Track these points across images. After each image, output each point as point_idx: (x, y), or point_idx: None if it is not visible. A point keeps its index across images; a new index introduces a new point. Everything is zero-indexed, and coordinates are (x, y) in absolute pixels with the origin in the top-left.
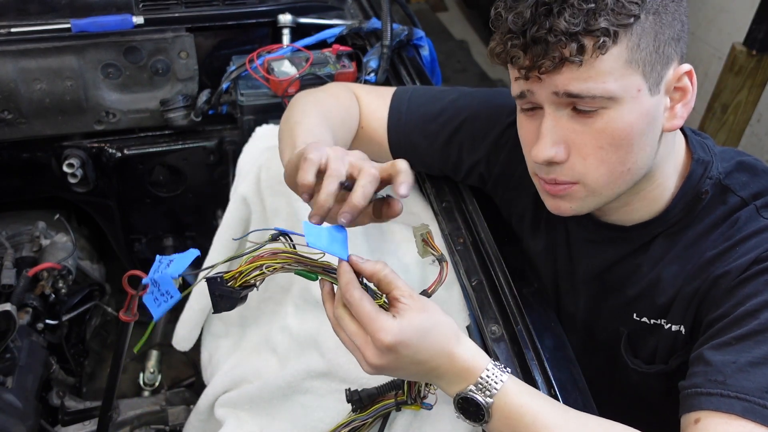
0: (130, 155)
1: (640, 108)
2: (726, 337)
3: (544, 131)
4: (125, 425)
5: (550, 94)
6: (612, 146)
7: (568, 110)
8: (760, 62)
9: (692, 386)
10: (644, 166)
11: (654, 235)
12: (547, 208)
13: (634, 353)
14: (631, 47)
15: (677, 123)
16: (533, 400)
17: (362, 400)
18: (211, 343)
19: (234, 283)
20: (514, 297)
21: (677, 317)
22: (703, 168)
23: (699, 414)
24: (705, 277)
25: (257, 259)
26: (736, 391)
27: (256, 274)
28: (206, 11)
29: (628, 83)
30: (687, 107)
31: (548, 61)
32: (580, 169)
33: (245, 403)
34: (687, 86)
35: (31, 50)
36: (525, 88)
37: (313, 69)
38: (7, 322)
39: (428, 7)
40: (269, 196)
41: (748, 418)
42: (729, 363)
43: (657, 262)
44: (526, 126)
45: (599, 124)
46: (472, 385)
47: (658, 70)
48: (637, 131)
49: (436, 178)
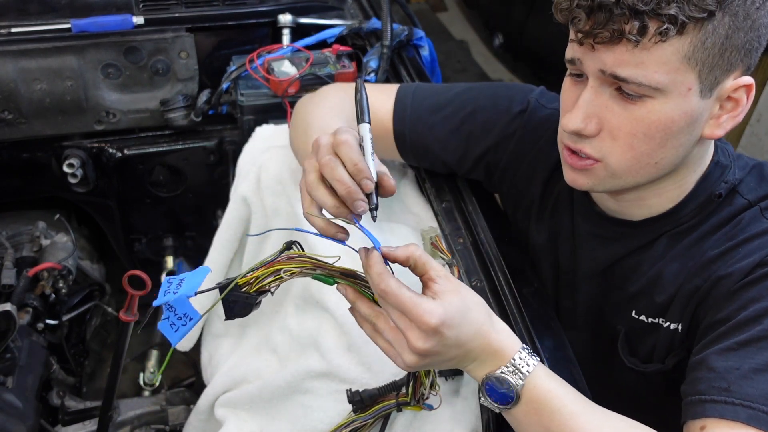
0: (130, 155)
1: (685, 107)
2: (729, 342)
3: (581, 103)
4: (125, 425)
5: (597, 70)
6: (646, 136)
7: (611, 89)
8: (760, 62)
9: (696, 393)
10: (671, 165)
11: (661, 232)
12: (565, 178)
13: (631, 352)
14: (695, 44)
15: (719, 133)
16: (560, 388)
17: (363, 400)
18: (211, 343)
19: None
20: (514, 297)
21: (675, 315)
22: (720, 171)
23: (704, 422)
24: (706, 276)
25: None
26: (741, 399)
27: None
28: (206, 11)
29: (680, 79)
30: (734, 120)
31: (607, 32)
32: (607, 148)
33: (245, 403)
34: (741, 99)
35: (31, 50)
36: (577, 55)
37: (313, 69)
38: (8, 322)
39: (428, 7)
40: (269, 196)
41: (753, 425)
42: (732, 369)
43: (658, 260)
44: (568, 91)
45: (640, 111)
46: (504, 367)
47: (717, 74)
48: (675, 129)
49: (436, 177)
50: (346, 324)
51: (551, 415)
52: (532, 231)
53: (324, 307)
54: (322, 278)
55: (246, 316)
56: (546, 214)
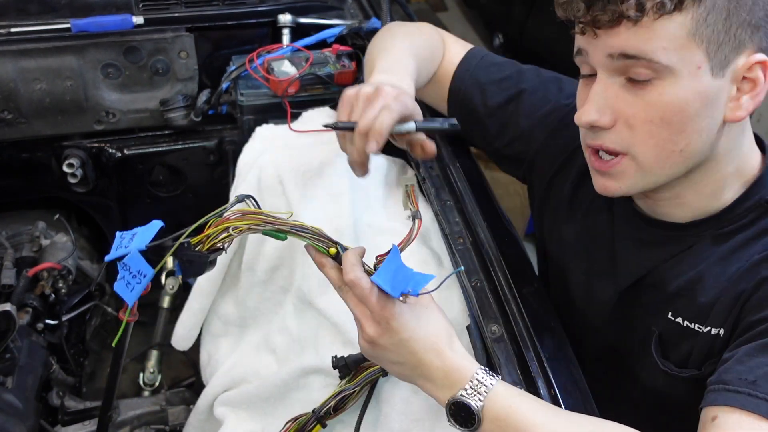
0: (130, 155)
1: (697, 86)
2: (764, 339)
3: (592, 95)
4: (125, 425)
5: (605, 57)
6: (663, 121)
7: (621, 79)
8: None
9: (720, 382)
10: (699, 152)
11: (704, 236)
12: (596, 188)
13: (664, 355)
14: (697, 19)
15: (741, 114)
16: (522, 402)
17: (348, 365)
18: (210, 343)
19: (202, 248)
20: (514, 297)
21: (718, 320)
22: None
23: (721, 409)
24: (751, 279)
25: (224, 221)
26: (765, 393)
27: (224, 236)
28: (206, 11)
29: (688, 57)
30: (756, 100)
31: (606, 15)
32: (627, 138)
33: (244, 403)
34: (758, 78)
35: (31, 50)
36: (581, 44)
37: (313, 69)
38: (7, 322)
39: (428, 7)
40: (269, 196)
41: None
42: (763, 365)
43: (700, 261)
44: (581, 92)
45: (652, 95)
46: (463, 390)
47: (726, 52)
48: (692, 111)
49: (436, 177)
50: (340, 323)
51: (516, 430)
52: (561, 229)
53: (317, 308)
54: (272, 234)
55: (200, 275)
56: (579, 214)
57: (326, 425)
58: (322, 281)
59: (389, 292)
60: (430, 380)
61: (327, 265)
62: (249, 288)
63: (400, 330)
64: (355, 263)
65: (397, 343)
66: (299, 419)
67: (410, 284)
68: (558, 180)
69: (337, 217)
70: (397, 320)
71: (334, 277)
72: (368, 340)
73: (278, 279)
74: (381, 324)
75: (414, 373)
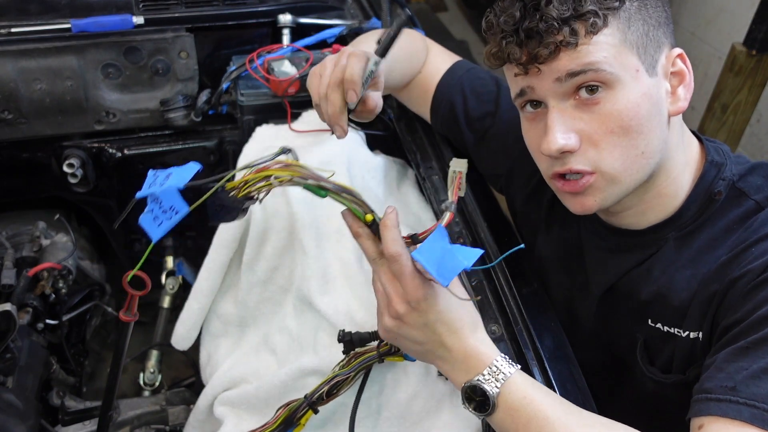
0: (130, 155)
1: (641, 88)
2: (741, 342)
3: (552, 123)
4: (125, 425)
5: (552, 83)
6: (621, 129)
7: (571, 101)
8: (760, 62)
9: (703, 391)
10: (657, 151)
11: (667, 238)
12: (572, 210)
13: (650, 361)
14: (622, 29)
15: (682, 105)
16: (537, 394)
17: (353, 342)
18: (210, 343)
19: (237, 194)
20: (514, 297)
21: (694, 324)
22: (716, 169)
23: (706, 419)
24: (721, 280)
25: (266, 169)
26: (746, 398)
27: (263, 185)
28: (206, 11)
29: (626, 62)
30: (688, 89)
31: (544, 49)
32: (593, 156)
33: (244, 403)
34: (683, 69)
35: (31, 50)
36: (525, 84)
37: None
38: (7, 322)
39: (428, 7)
40: (269, 196)
41: (756, 425)
42: (741, 369)
43: (668, 266)
44: (531, 130)
45: (605, 108)
46: (481, 375)
47: (651, 52)
48: (644, 113)
49: (436, 177)
50: (339, 324)
51: (528, 421)
52: (539, 243)
53: (317, 308)
54: (314, 189)
55: (230, 221)
56: (555, 228)
57: (318, 411)
58: (322, 281)
59: (433, 274)
60: (449, 362)
61: (363, 235)
62: (249, 288)
63: (429, 311)
64: (396, 238)
65: (423, 323)
66: (290, 405)
67: (457, 262)
68: (535, 198)
69: (337, 216)
70: (428, 301)
71: (369, 248)
72: (395, 316)
73: (278, 279)
74: (411, 302)
75: (434, 354)
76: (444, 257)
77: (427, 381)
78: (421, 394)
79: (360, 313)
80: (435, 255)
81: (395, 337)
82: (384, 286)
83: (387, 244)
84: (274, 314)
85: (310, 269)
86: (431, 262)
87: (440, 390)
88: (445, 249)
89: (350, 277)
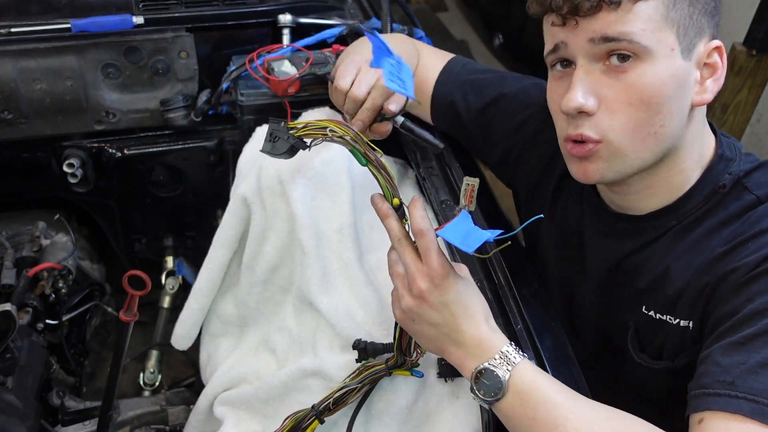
0: (130, 155)
1: (672, 67)
2: (735, 336)
3: (576, 81)
4: (125, 425)
5: (586, 43)
6: (642, 103)
7: (600, 64)
8: (760, 62)
9: (700, 387)
10: (671, 135)
11: (667, 227)
12: (574, 176)
13: (641, 348)
14: (667, 4)
15: (707, 97)
16: (546, 381)
17: (366, 351)
18: (209, 343)
19: (295, 132)
20: (514, 297)
21: (685, 312)
22: (725, 164)
23: (705, 414)
24: (714, 272)
25: (328, 121)
26: (745, 392)
27: (319, 133)
28: (206, 11)
29: (663, 38)
30: (717, 83)
31: (587, 2)
32: (606, 124)
33: (244, 403)
34: (717, 63)
35: (31, 50)
36: (560, 38)
37: (313, 69)
38: (7, 322)
39: (428, 7)
40: (269, 196)
41: (756, 419)
42: (738, 364)
43: (666, 254)
44: (556, 89)
45: (631, 78)
46: (492, 359)
47: (691, 36)
48: (668, 92)
49: (436, 177)
50: (339, 324)
51: (536, 405)
52: (543, 230)
53: (317, 308)
54: (358, 155)
55: (277, 154)
56: (557, 213)
57: (324, 421)
58: (322, 281)
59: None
60: (461, 347)
61: (391, 215)
62: (249, 288)
63: (449, 290)
64: (424, 216)
65: (444, 303)
66: (297, 415)
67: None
68: (540, 189)
69: (337, 216)
70: (450, 279)
71: (395, 228)
72: (417, 295)
73: (278, 279)
74: (434, 280)
75: (448, 337)
76: (468, 234)
77: (426, 385)
78: (420, 398)
79: (360, 313)
80: (459, 232)
81: (413, 318)
82: (407, 266)
83: (416, 220)
84: (274, 314)
85: (310, 269)
86: (456, 237)
87: (439, 393)
88: (469, 228)
89: (350, 277)
